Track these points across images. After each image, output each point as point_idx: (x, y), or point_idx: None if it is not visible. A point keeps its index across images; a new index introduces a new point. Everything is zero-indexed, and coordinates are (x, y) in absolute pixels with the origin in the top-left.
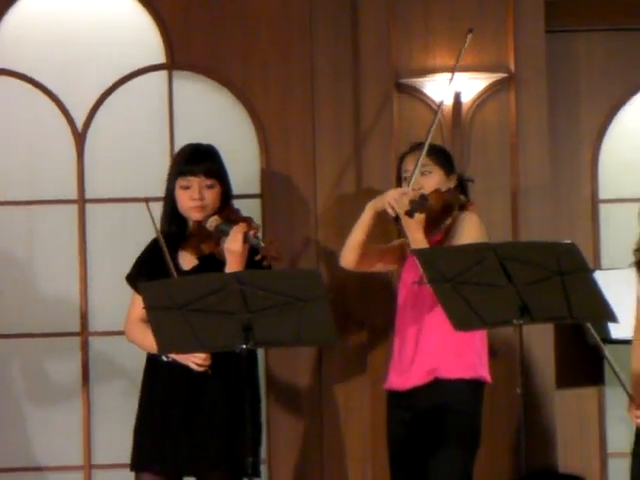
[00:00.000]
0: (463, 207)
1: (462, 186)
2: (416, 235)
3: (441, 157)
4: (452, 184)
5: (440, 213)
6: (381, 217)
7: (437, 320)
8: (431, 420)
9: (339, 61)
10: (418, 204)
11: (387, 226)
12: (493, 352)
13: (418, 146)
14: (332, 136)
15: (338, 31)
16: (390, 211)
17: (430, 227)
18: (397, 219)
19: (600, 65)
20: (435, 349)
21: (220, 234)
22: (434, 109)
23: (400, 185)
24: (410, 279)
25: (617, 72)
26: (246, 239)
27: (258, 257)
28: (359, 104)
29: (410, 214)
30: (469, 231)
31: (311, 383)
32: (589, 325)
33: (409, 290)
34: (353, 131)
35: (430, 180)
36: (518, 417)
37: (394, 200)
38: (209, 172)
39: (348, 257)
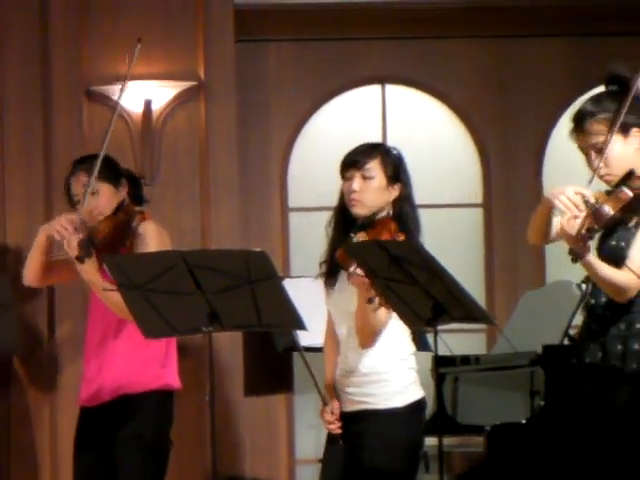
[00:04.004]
0: (142, 218)
1: (135, 185)
2: (90, 277)
3: (106, 171)
4: (125, 190)
5: (118, 235)
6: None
7: (121, 333)
8: (118, 435)
9: (28, 69)
10: (85, 252)
11: None
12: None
13: (79, 164)
14: (21, 145)
15: (27, 40)
16: (57, 237)
17: (113, 248)
18: None
19: (290, 75)
20: (119, 364)
21: None
22: (124, 117)
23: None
24: None
25: (306, 82)
26: None
27: None
28: (49, 112)
29: (80, 261)
30: (147, 242)
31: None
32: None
33: (98, 300)
34: (43, 139)
35: (100, 200)
36: (206, 424)
37: (63, 228)
38: None
39: (29, 277)
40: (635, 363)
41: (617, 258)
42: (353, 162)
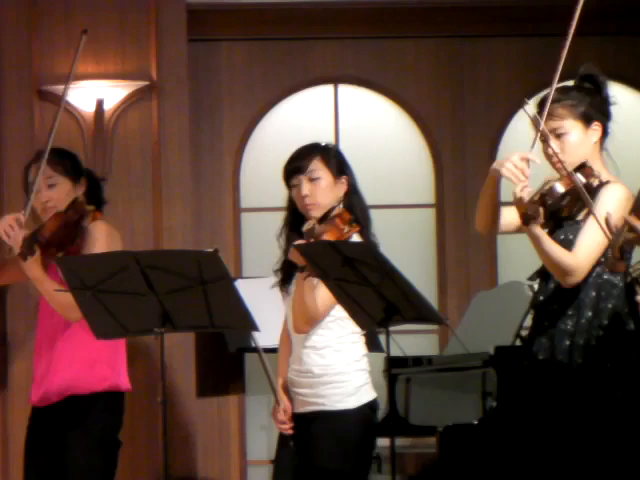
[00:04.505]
0: (93, 217)
1: (95, 186)
2: (33, 274)
3: (66, 165)
4: (82, 189)
5: (65, 232)
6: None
7: (69, 333)
8: (67, 436)
9: None
10: (27, 249)
11: None
12: None
13: (43, 153)
14: None
15: None
16: (5, 239)
17: (60, 246)
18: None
19: (242, 75)
20: (66, 365)
21: None
22: (76, 117)
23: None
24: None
25: (258, 82)
26: None
27: None
28: (0, 112)
29: (23, 257)
30: (95, 243)
31: None
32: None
33: (47, 301)
34: None
35: (57, 193)
36: (159, 425)
37: (10, 228)
38: None
39: None
40: (581, 358)
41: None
42: (295, 168)
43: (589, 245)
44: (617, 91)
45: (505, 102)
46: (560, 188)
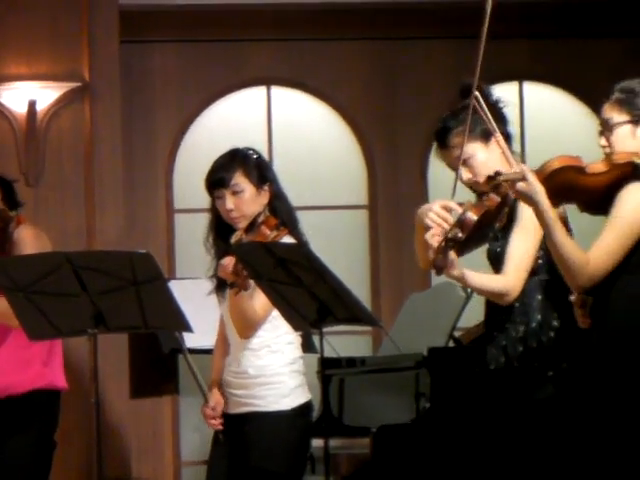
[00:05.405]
0: (17, 222)
1: (9, 189)
2: None
3: None
4: None
5: None
6: None
7: (5, 336)
8: (1, 438)
9: None
10: None
11: None
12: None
13: None
14: None
15: None
16: None
17: None
18: None
19: (175, 76)
20: (3, 366)
21: None
22: (8, 117)
23: None
24: None
25: (191, 83)
26: None
27: None
28: None
29: None
30: (23, 248)
31: None
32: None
33: None
34: None
35: None
36: (92, 426)
37: None
38: None
39: None
40: (536, 362)
41: (500, 264)
42: (218, 181)
43: (517, 259)
44: (534, 90)
45: (438, 103)
46: (471, 216)
